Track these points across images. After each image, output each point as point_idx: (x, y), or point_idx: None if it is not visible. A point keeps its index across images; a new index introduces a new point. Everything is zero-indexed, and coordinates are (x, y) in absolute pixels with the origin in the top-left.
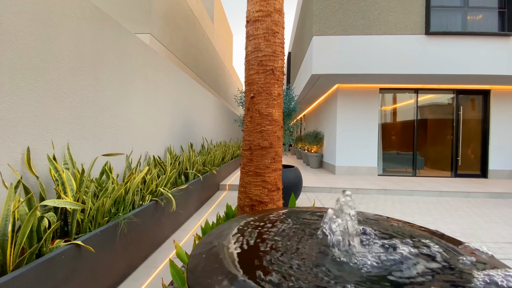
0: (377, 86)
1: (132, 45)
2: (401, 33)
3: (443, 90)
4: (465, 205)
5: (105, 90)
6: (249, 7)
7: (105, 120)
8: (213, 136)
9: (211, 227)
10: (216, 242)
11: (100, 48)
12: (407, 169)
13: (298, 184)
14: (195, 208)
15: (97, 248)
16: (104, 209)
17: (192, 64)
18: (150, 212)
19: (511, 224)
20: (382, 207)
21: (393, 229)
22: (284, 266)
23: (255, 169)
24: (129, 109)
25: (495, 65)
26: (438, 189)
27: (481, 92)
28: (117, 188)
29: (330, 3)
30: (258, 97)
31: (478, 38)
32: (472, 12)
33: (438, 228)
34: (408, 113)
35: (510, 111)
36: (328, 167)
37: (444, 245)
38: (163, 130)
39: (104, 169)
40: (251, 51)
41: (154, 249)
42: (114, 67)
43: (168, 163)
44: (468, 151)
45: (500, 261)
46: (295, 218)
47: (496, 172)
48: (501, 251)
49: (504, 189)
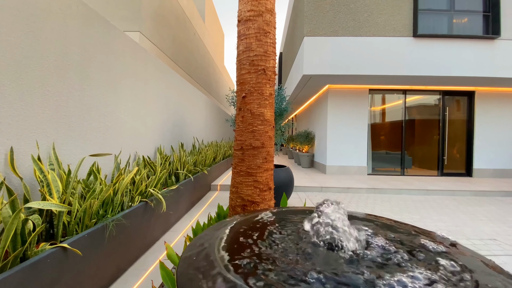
0: (367, 87)
1: (121, 43)
2: (390, 35)
3: (430, 91)
4: (451, 203)
5: (93, 89)
6: (240, 7)
7: (93, 120)
8: (205, 136)
9: (203, 228)
10: (207, 244)
11: (87, 46)
12: (395, 168)
13: (289, 184)
14: (186, 209)
15: (84, 251)
16: (91, 211)
17: (183, 63)
18: (140, 213)
19: (495, 221)
20: (372, 206)
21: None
22: (277, 268)
23: (246, 169)
24: (118, 108)
25: (480, 67)
26: (425, 187)
27: (466, 93)
28: (105, 189)
29: (321, 4)
30: (250, 97)
31: (463, 41)
32: (457, 15)
33: (425, 226)
34: (396, 114)
35: (493, 112)
36: (319, 167)
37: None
38: (153, 130)
39: (92, 170)
40: (242, 51)
41: (144, 251)
42: (102, 65)
43: (158, 164)
44: (453, 150)
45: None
46: (287, 219)
47: (480, 171)
48: (486, 247)
49: (488, 187)
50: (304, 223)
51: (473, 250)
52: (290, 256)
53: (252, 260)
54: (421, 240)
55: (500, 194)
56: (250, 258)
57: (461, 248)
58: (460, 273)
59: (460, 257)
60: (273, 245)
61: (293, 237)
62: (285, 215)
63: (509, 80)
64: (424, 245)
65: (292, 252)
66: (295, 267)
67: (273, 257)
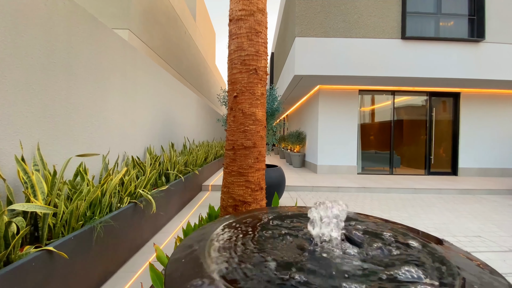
0: (357, 87)
1: (109, 40)
2: (379, 36)
3: (417, 92)
4: (437, 201)
5: (80, 87)
6: (232, 6)
7: (80, 119)
8: (196, 136)
9: (193, 229)
10: (197, 246)
11: (74, 43)
12: (384, 168)
13: (281, 184)
14: (177, 210)
15: (71, 254)
16: (78, 213)
17: (173, 62)
18: (129, 214)
19: (479, 218)
20: (362, 205)
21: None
22: (268, 272)
23: (238, 169)
24: (106, 107)
25: (465, 69)
26: (413, 186)
27: (452, 94)
28: (93, 190)
29: (312, 5)
30: (241, 96)
31: (449, 43)
32: (444, 18)
33: (413, 224)
34: (385, 114)
35: (477, 112)
36: (310, 166)
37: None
38: (143, 130)
39: (79, 171)
40: (234, 50)
41: (133, 253)
42: (90, 63)
43: (148, 164)
44: (440, 150)
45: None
46: (280, 219)
47: (465, 170)
48: (471, 244)
49: (473, 185)
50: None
51: (459, 246)
52: (282, 258)
53: (244, 264)
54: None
55: (484, 192)
56: (241, 262)
57: (447, 245)
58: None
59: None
60: (266, 247)
61: (286, 239)
62: (278, 215)
63: (492, 82)
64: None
65: (285, 253)
66: (288, 272)
67: (266, 260)
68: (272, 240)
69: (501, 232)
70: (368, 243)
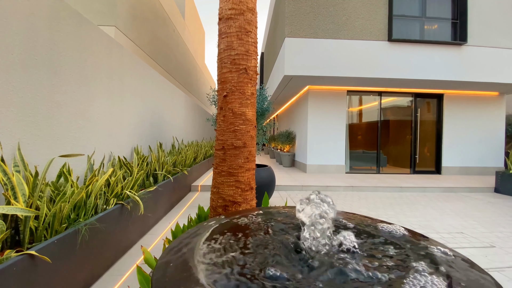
0: (345, 88)
1: (94, 37)
2: (366, 38)
3: (403, 93)
4: (422, 199)
5: (64, 85)
6: (221, 5)
7: (63, 118)
8: (185, 136)
9: (182, 230)
10: (186, 249)
11: (57, 39)
12: (371, 167)
13: (271, 183)
14: (165, 211)
15: (54, 258)
16: (62, 215)
17: (161, 61)
18: (115, 216)
19: (462, 215)
20: (350, 203)
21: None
22: (259, 275)
23: (228, 169)
24: (91, 106)
25: (448, 71)
26: (399, 185)
27: (436, 95)
28: (77, 192)
29: (302, 6)
30: (231, 96)
31: (433, 46)
32: (429, 22)
33: (399, 221)
34: (372, 115)
35: (460, 113)
36: (299, 166)
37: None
38: (130, 129)
39: (62, 171)
40: (224, 49)
41: (120, 256)
42: (74, 61)
43: (135, 164)
44: (424, 149)
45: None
46: (271, 220)
47: (448, 169)
48: (454, 240)
49: (455, 184)
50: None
51: (443, 243)
52: (273, 263)
53: (234, 267)
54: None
55: (466, 190)
56: (232, 265)
57: (432, 242)
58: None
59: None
60: (256, 250)
61: (277, 241)
62: (269, 216)
63: (474, 84)
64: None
65: (277, 257)
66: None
67: (257, 264)
68: (263, 242)
69: (482, 229)
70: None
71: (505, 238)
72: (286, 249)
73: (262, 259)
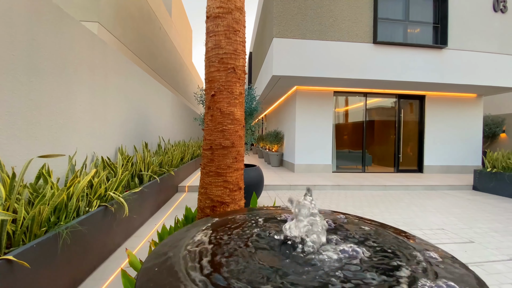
0: (332, 89)
1: (76, 33)
2: (352, 40)
3: (387, 95)
4: (405, 197)
5: (43, 83)
6: (209, 3)
7: (42, 117)
8: (171, 135)
9: (169, 232)
10: (172, 252)
11: (36, 34)
12: (357, 166)
13: (259, 183)
14: (151, 212)
15: (33, 263)
16: (41, 218)
17: (147, 58)
18: (99, 218)
19: (443, 212)
20: (336, 202)
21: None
22: (248, 279)
23: (216, 169)
24: (73, 104)
25: (429, 74)
26: (383, 183)
27: (418, 97)
28: (58, 194)
29: (290, 7)
30: (219, 95)
31: (416, 49)
32: (411, 25)
33: (383, 218)
34: (358, 115)
35: (441, 114)
36: (288, 165)
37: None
38: (114, 129)
39: (41, 173)
40: (211, 48)
41: (103, 259)
42: (54, 57)
43: (120, 165)
44: (407, 149)
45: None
46: (260, 221)
47: (429, 167)
48: (435, 236)
49: (436, 182)
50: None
51: (425, 239)
52: (263, 265)
53: (223, 272)
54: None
55: (446, 188)
56: (220, 269)
57: (413, 238)
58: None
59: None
60: (245, 253)
61: (267, 242)
62: (257, 217)
63: (454, 86)
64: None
65: (267, 259)
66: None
67: (246, 267)
68: (251, 244)
69: (461, 225)
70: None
71: (483, 233)
72: (273, 252)
73: (251, 261)
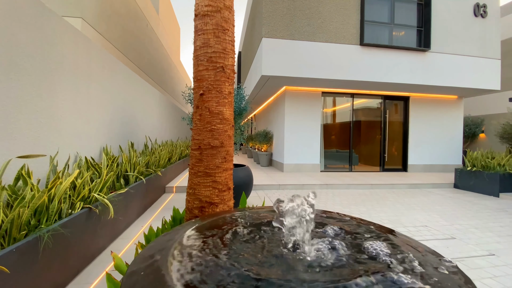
0: (320, 89)
1: (58, 29)
2: (340, 42)
3: (373, 96)
4: (390, 195)
5: (22, 80)
6: (197, 1)
7: (22, 115)
8: (159, 135)
9: (156, 234)
10: (158, 255)
11: (15, 30)
12: (344, 165)
13: (249, 183)
14: (138, 214)
15: (13, 268)
16: (21, 221)
17: (133, 56)
18: (82, 221)
19: (426, 210)
20: (325, 200)
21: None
22: (237, 282)
23: (205, 169)
24: (54, 103)
25: (413, 76)
26: (370, 182)
27: (403, 98)
28: (38, 196)
29: (279, 8)
30: (208, 94)
31: (400, 51)
32: (397, 28)
33: (370, 216)
34: (345, 115)
35: (424, 115)
36: (277, 165)
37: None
38: (98, 128)
39: (20, 174)
40: (200, 46)
41: (87, 263)
42: (34, 54)
43: (104, 165)
44: (392, 148)
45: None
46: (250, 222)
47: (413, 166)
48: (419, 233)
49: (420, 180)
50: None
51: (409, 236)
52: (252, 268)
53: (211, 277)
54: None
55: (429, 186)
56: (209, 274)
57: (398, 235)
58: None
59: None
60: (235, 255)
61: (257, 243)
62: (247, 217)
63: (436, 88)
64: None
65: (256, 261)
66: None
67: (236, 271)
68: (241, 245)
69: (443, 222)
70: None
71: (464, 230)
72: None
73: (241, 264)
